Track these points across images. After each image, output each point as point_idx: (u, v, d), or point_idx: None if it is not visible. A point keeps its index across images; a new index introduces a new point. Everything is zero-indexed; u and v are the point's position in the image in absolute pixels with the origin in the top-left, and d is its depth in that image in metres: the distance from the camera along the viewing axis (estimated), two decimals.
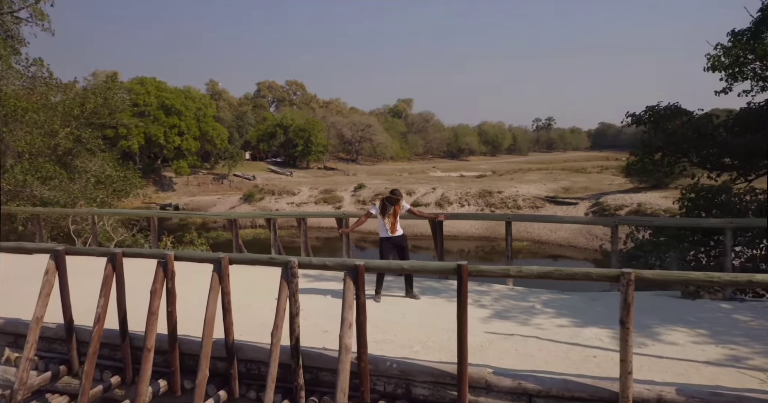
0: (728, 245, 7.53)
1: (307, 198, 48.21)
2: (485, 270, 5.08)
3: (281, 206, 46.98)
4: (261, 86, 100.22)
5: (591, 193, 42.08)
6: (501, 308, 7.24)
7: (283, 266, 5.62)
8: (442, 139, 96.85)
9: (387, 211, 7.66)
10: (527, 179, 50.07)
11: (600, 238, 33.79)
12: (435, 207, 41.52)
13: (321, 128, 74.86)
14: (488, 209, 40.34)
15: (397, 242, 7.68)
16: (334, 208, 44.97)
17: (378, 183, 50.24)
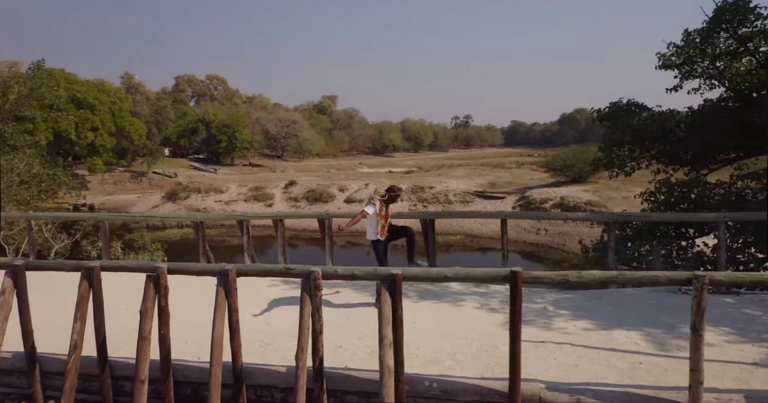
0: (723, 238, 7.50)
1: (236, 196, 46.15)
2: (541, 276, 4.56)
3: (209, 205, 44.72)
4: (180, 80, 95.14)
5: (516, 188, 43.10)
6: None
7: (304, 277, 4.82)
8: (366, 136, 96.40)
9: (383, 210, 7.01)
10: (454, 175, 50.64)
11: (528, 231, 34.70)
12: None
13: (245, 124, 72.17)
14: (420, 205, 40.33)
15: (393, 235, 7.12)
16: (265, 205, 43.38)
17: (309, 180, 49.02)
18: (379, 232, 6.96)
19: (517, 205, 38.59)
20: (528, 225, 34.54)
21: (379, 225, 6.96)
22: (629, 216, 8.31)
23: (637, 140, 10.95)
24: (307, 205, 42.48)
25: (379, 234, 6.97)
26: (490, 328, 6.15)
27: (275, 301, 7.33)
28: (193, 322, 6.27)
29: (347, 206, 41.08)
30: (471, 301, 7.18)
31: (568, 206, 35.82)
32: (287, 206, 42.82)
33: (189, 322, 6.29)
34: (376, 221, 6.98)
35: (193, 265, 5.05)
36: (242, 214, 9.34)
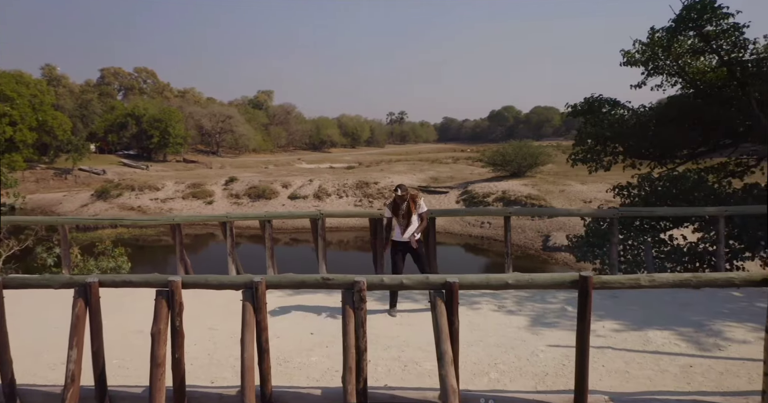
0: (721, 232, 7.48)
1: (173, 193, 43.84)
2: (611, 281, 4.17)
3: (144, 203, 42.23)
4: (106, 73, 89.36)
5: (458, 183, 43.51)
6: (534, 313, 6.41)
7: (347, 288, 4.21)
8: (304, 132, 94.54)
9: (400, 209, 6.41)
10: (397, 170, 50.50)
11: (472, 224, 35.07)
12: (313, 199, 40.09)
13: (178, 119, 68.87)
14: (366, 200, 39.90)
15: (409, 247, 6.44)
16: (204, 203, 41.46)
17: (250, 176, 47.32)
18: (401, 230, 6.41)
19: (460, 199, 38.90)
20: (472, 219, 34.89)
21: (400, 226, 6.40)
22: (632, 211, 8.18)
23: (616, 135, 10.96)
24: (250, 202, 41.01)
25: (401, 234, 6.41)
26: (519, 333, 5.76)
27: (278, 310, 6.61)
28: (193, 339, 5.49)
29: (292, 202, 40.02)
30: (485, 303, 6.76)
31: (510, 199, 36.47)
32: (228, 204, 41.16)
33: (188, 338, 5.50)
34: (396, 223, 6.44)
35: (213, 277, 4.30)
36: (226, 215, 8.48)
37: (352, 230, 36.25)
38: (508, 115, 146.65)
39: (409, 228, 6.42)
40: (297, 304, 6.88)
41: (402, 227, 6.39)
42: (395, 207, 6.42)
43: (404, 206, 6.39)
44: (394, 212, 6.42)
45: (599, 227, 10.60)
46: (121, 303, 6.31)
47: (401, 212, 6.40)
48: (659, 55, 12.09)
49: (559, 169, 46.98)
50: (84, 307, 4.20)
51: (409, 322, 6.16)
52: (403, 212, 6.40)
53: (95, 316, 4.25)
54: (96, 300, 4.23)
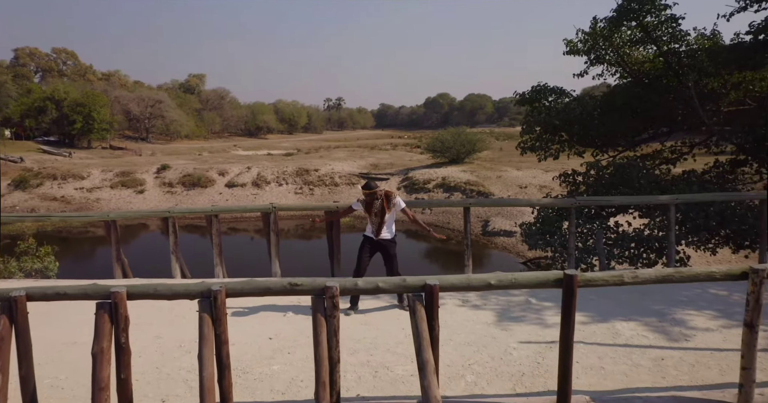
0: (672, 219, 7.59)
1: (99, 182, 41.25)
2: (595, 278, 3.97)
3: (68, 193, 39.52)
4: (20, 53, 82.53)
5: (398, 169, 43.47)
6: (499, 307, 6.23)
7: (318, 294, 3.80)
8: (239, 117, 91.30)
9: (373, 207, 6.01)
10: (336, 157, 49.82)
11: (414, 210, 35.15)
12: (252, 187, 38.87)
13: (103, 103, 64.72)
14: (306, 187, 39.10)
15: (382, 247, 6.09)
16: (135, 192, 39.30)
17: (183, 163, 45.23)
18: (374, 230, 6.05)
19: (401, 185, 38.86)
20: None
21: (374, 222, 6.03)
22: (590, 201, 8.16)
23: (563, 124, 10.99)
24: (184, 190, 39.26)
25: (374, 232, 6.05)
26: (488, 330, 5.54)
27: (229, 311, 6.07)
28: (137, 349, 4.91)
29: (229, 190, 38.64)
30: (449, 298, 6.52)
31: (450, 185, 36.80)
32: (161, 193, 39.24)
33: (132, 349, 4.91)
34: (369, 220, 6.10)
35: (164, 286, 3.77)
36: (168, 210, 7.75)
37: (292, 218, 35.51)
38: (443, 102, 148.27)
39: (384, 227, 6.05)
40: (251, 304, 6.38)
41: (374, 226, 6.02)
42: (368, 205, 6.03)
43: (378, 204, 6.01)
44: (366, 209, 6.04)
45: (549, 214, 10.64)
46: (48, 310, 5.60)
47: (374, 210, 6.01)
48: (601, 44, 12.22)
49: (494, 156, 47.93)
50: (9, 325, 3.57)
51: (374, 322, 5.82)
52: (376, 209, 6.01)
53: (23, 335, 3.63)
54: (23, 317, 3.61)
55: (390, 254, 6.10)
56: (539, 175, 37.16)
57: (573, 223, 7.91)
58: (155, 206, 38.22)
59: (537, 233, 9.79)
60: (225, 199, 38.12)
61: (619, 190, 9.58)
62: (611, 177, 9.83)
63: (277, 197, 37.93)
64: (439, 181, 37.71)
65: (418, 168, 42.49)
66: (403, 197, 35.05)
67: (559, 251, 9.41)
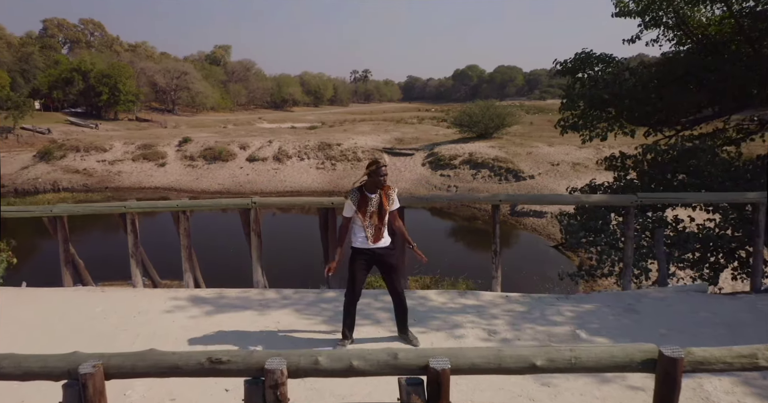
0: (762, 222, 5.87)
1: (121, 155, 40.55)
2: (709, 358, 2.40)
3: (90, 165, 38.95)
4: (48, 24, 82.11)
5: (424, 144, 41.65)
6: (536, 343, 4.67)
7: (253, 378, 2.32)
8: (264, 89, 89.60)
9: (368, 206, 4.44)
10: (360, 131, 48.14)
11: (438, 187, 33.58)
12: (273, 162, 37.64)
13: (129, 74, 63.91)
14: (329, 162, 37.69)
15: (380, 258, 4.55)
16: (156, 165, 38.50)
17: (205, 136, 44.19)
18: (369, 236, 4.44)
19: (426, 161, 37.13)
20: (438, 182, 33.45)
21: (369, 226, 4.42)
22: (654, 198, 6.47)
23: (613, 98, 9.17)
24: (206, 164, 38.32)
25: (369, 239, 4.44)
26: (524, 386, 4.01)
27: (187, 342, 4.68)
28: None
29: (250, 165, 37.51)
30: (470, 326, 5.00)
31: (477, 162, 34.93)
32: (182, 166, 38.38)
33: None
34: (360, 224, 4.46)
35: (9, 362, 2.35)
36: (124, 205, 6.35)
37: (314, 194, 34.23)
38: (472, 74, 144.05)
39: (384, 231, 4.48)
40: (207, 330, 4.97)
41: (370, 230, 4.43)
42: (362, 200, 4.45)
43: (375, 200, 4.42)
44: (360, 206, 4.45)
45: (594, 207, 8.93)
46: None
47: (370, 209, 4.42)
48: (658, 4, 10.24)
49: (524, 130, 45.62)
50: None
51: None
52: (372, 208, 4.42)
53: None
54: None
55: (391, 265, 4.55)
56: (572, 151, 34.94)
57: (632, 226, 6.24)
58: (176, 180, 37.38)
59: (580, 229, 8.13)
60: (245, 174, 37.00)
61: (682, 180, 7.82)
62: (673, 163, 8.04)
63: (298, 172, 36.65)
64: (466, 158, 35.81)
65: (445, 143, 40.59)
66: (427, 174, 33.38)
67: (608, 252, 7.76)
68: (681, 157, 7.94)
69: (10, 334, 4.91)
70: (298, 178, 35.81)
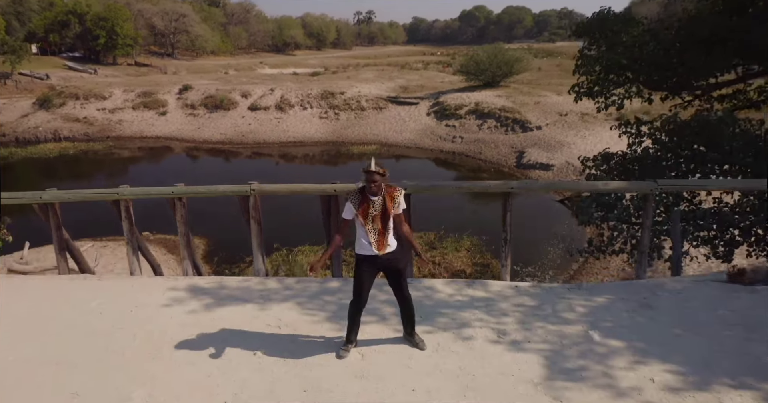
0: None
1: (121, 103, 39.70)
2: None
3: (90, 114, 38.23)
4: None
5: (429, 93, 40.56)
6: (548, 346, 4.46)
7: None
8: (265, 32, 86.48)
9: (370, 209, 4.08)
10: (364, 78, 46.82)
11: (443, 138, 33.01)
12: (275, 111, 36.83)
13: (126, 17, 61.64)
14: (332, 112, 36.84)
15: (386, 263, 4.24)
16: (157, 114, 37.75)
17: (206, 83, 43.05)
18: (374, 243, 4.09)
19: (431, 111, 36.27)
20: (444, 132, 32.84)
21: (372, 231, 4.07)
22: (676, 185, 6.08)
23: (633, 63, 8.56)
24: (207, 113, 37.58)
25: (373, 246, 4.10)
26: (534, 396, 3.83)
27: (176, 343, 4.50)
28: None
29: (252, 114, 36.75)
30: (478, 325, 4.79)
31: (483, 112, 34.08)
32: (183, 115, 37.67)
33: None
34: (362, 228, 4.11)
35: None
36: (117, 191, 6.02)
37: (317, 144, 33.74)
38: (479, 15, 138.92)
39: (388, 236, 4.16)
40: (211, 327, 4.78)
41: (374, 236, 4.09)
42: (364, 202, 4.09)
43: (378, 203, 4.07)
44: (361, 209, 4.08)
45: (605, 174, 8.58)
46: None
47: (372, 212, 4.06)
48: None
49: (532, 77, 44.31)
50: None
51: (374, 371, 4.15)
52: (375, 212, 4.06)
53: None
54: None
55: (398, 270, 4.27)
56: (581, 101, 33.96)
57: (650, 214, 5.91)
58: (177, 130, 36.72)
59: (591, 204, 7.81)
60: (248, 124, 36.29)
61: (701, 155, 7.41)
62: (693, 136, 7.59)
63: (301, 122, 35.91)
64: (472, 107, 34.92)
65: (450, 92, 39.53)
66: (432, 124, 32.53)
67: (620, 229, 7.47)
68: (702, 129, 7.49)
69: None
70: (300, 128, 35.12)
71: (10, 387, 3.99)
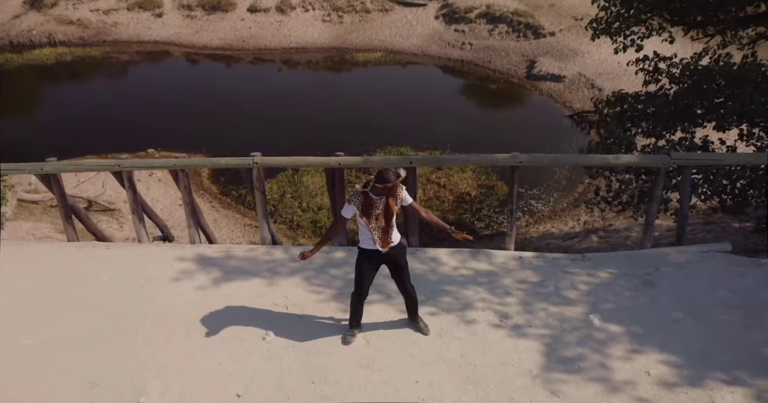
0: None
1: (115, 3, 37.42)
2: None
3: (84, 15, 36.20)
4: None
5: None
6: (548, 331, 4.51)
7: None
8: None
9: (373, 209, 3.98)
10: None
11: (452, 45, 31.44)
12: (276, 13, 34.81)
13: None
14: (335, 14, 34.74)
15: (388, 258, 4.20)
16: (153, 16, 35.82)
17: None
18: (377, 240, 4.04)
19: (439, 14, 34.13)
20: (452, 38, 31.17)
21: (376, 229, 4.01)
22: (689, 159, 5.73)
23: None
24: (205, 15, 35.58)
25: (377, 242, 4.05)
26: (530, 390, 3.96)
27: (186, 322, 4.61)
28: None
29: (252, 16, 34.75)
30: (481, 306, 4.83)
31: (494, 16, 32.07)
32: (180, 17, 35.66)
33: None
34: (365, 226, 4.05)
35: None
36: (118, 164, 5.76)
37: (320, 50, 32.30)
38: None
39: (392, 233, 4.08)
40: (221, 303, 4.87)
41: (377, 233, 4.02)
42: (367, 203, 3.97)
43: (381, 202, 3.96)
44: (364, 210, 3.98)
45: (618, 116, 8.21)
46: None
47: (375, 212, 3.96)
48: None
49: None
50: None
51: (378, 359, 4.26)
52: (378, 211, 3.97)
53: None
54: None
55: (401, 264, 4.25)
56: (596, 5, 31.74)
57: (660, 187, 5.69)
58: (175, 34, 34.84)
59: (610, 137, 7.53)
60: (248, 27, 34.41)
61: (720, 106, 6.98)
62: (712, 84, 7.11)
63: (303, 26, 34.02)
64: (483, 10, 32.79)
65: None
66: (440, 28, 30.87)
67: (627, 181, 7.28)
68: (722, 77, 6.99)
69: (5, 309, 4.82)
70: (303, 32, 33.35)
71: (34, 375, 4.16)
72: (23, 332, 4.58)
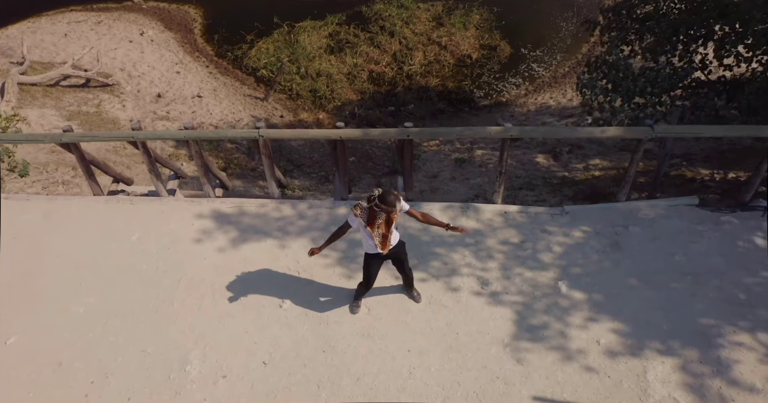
0: None
1: None
2: None
3: None
4: None
5: None
6: (521, 298, 5.16)
7: None
8: None
9: (376, 220, 4.35)
10: None
11: None
12: None
13: None
14: None
15: (390, 255, 4.71)
16: None
17: None
18: (378, 244, 4.50)
19: None
20: None
21: (378, 237, 4.46)
22: (674, 131, 5.52)
23: None
24: None
25: (378, 247, 4.51)
26: (501, 359, 4.74)
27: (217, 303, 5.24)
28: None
29: None
30: (466, 272, 5.41)
31: None
32: None
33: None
34: (368, 233, 4.46)
35: None
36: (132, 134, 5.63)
37: None
38: None
39: (389, 239, 4.51)
40: (239, 268, 5.44)
41: (378, 238, 4.48)
42: (371, 216, 4.35)
43: (383, 215, 4.32)
44: (369, 222, 4.37)
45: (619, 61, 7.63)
46: None
47: (378, 221, 4.38)
48: None
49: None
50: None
51: (379, 328, 4.98)
52: (380, 221, 4.37)
53: None
54: None
55: (401, 258, 4.86)
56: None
57: (640, 153, 5.72)
58: None
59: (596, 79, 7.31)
60: None
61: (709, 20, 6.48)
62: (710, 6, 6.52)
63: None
64: None
65: None
66: None
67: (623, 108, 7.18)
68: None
69: (53, 273, 5.38)
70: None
71: (91, 345, 4.89)
72: (73, 299, 5.23)
